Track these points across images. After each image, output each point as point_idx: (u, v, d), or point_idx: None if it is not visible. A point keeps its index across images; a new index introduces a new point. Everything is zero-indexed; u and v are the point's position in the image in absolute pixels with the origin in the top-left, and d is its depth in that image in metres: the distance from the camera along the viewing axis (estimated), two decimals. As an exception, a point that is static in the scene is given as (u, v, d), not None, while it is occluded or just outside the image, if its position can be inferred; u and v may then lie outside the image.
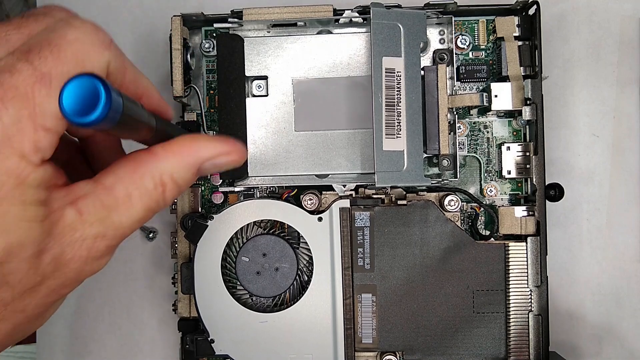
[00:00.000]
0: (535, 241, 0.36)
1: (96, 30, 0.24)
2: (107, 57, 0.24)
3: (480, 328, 0.36)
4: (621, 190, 0.41)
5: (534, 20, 0.37)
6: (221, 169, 0.28)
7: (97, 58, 0.24)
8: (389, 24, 0.35)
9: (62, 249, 0.25)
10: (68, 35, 0.23)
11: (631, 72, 0.41)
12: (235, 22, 0.37)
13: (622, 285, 0.41)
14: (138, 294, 0.42)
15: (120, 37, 0.42)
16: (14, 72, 0.23)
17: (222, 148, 0.27)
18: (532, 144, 0.37)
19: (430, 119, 0.37)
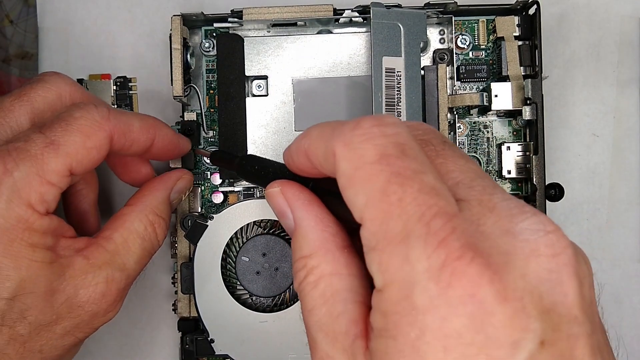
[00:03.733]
0: (535, 241, 0.36)
1: (97, 107, 0.29)
2: (108, 127, 0.29)
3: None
4: (621, 190, 0.41)
5: (534, 20, 0.37)
6: (182, 193, 0.35)
7: (99, 129, 0.29)
8: (389, 24, 0.35)
9: (75, 290, 0.28)
10: (74, 114, 0.28)
11: (631, 72, 0.41)
12: (235, 22, 0.37)
13: (622, 285, 0.41)
14: (138, 294, 0.42)
15: (119, 37, 0.42)
16: (28, 140, 0.27)
17: (175, 175, 0.34)
18: (532, 143, 0.37)
19: (430, 118, 0.37)
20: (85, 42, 0.42)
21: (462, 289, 0.17)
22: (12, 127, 0.29)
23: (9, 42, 0.41)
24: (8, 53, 0.41)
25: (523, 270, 0.18)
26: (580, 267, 0.19)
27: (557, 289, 0.18)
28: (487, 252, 0.18)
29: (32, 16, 0.41)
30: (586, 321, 0.18)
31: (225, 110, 0.37)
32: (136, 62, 0.41)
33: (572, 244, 0.19)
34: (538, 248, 0.18)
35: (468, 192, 0.20)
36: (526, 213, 0.19)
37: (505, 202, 0.19)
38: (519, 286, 0.17)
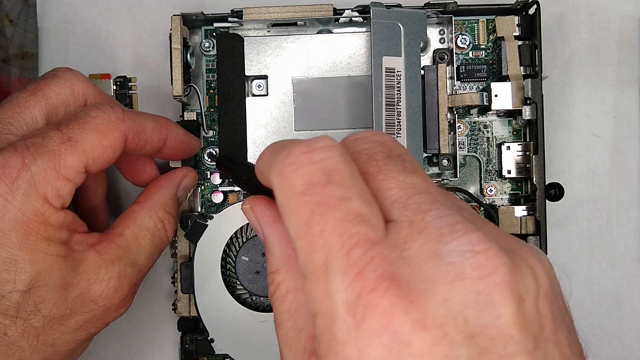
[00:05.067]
0: (535, 241, 0.36)
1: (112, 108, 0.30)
2: (123, 127, 0.30)
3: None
4: (621, 190, 0.41)
5: (534, 20, 0.37)
6: (188, 190, 0.36)
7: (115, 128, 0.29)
8: (389, 24, 0.35)
9: (89, 285, 0.29)
10: (91, 113, 0.29)
11: (631, 72, 0.41)
12: (235, 22, 0.37)
13: (622, 285, 0.41)
14: (137, 294, 0.41)
15: (119, 37, 0.42)
16: (46, 137, 0.28)
17: (181, 173, 0.35)
18: (532, 143, 0.37)
19: (430, 118, 0.37)
20: (85, 42, 0.42)
21: (376, 321, 0.17)
22: (27, 122, 0.30)
23: (9, 42, 0.41)
24: (8, 53, 0.41)
25: (445, 296, 0.17)
26: (520, 283, 0.18)
27: (486, 311, 0.17)
28: (406, 279, 0.17)
29: (32, 16, 0.41)
30: (526, 339, 0.17)
31: (225, 110, 0.37)
32: (136, 61, 0.41)
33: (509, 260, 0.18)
34: (463, 271, 0.18)
35: (401, 212, 0.19)
36: (456, 232, 0.18)
37: (438, 221, 0.19)
38: (440, 313, 0.17)
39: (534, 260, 0.19)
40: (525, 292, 0.18)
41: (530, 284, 0.18)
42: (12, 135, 0.29)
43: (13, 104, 0.30)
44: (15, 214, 0.27)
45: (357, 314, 0.17)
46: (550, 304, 0.19)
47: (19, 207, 0.27)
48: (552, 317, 0.19)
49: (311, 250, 0.19)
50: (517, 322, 0.17)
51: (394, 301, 0.17)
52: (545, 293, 0.19)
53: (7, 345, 0.27)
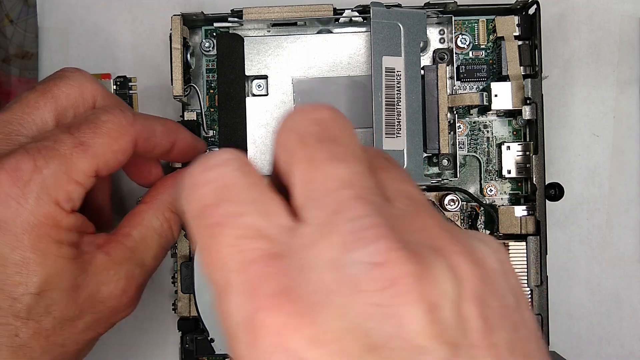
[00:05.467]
0: (535, 241, 0.36)
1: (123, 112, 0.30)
2: (134, 131, 0.30)
3: (480, 328, 0.36)
4: (621, 190, 0.41)
5: (534, 19, 0.37)
6: None
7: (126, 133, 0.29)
8: (389, 24, 0.35)
9: (98, 286, 0.29)
10: (102, 117, 0.29)
11: (631, 72, 0.41)
12: (235, 22, 0.37)
13: (622, 285, 0.41)
14: (138, 294, 0.41)
15: (120, 37, 0.42)
16: (57, 141, 0.28)
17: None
18: (532, 143, 0.37)
19: (430, 118, 0.37)
20: (85, 42, 0.42)
21: (269, 340, 0.16)
22: (37, 124, 0.30)
23: (9, 41, 0.41)
24: (8, 53, 0.41)
25: (342, 309, 0.16)
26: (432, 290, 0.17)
27: (389, 323, 0.16)
28: (302, 293, 0.17)
29: (32, 16, 0.41)
30: (441, 348, 0.16)
31: (225, 109, 0.37)
32: (136, 61, 0.41)
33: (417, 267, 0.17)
34: (362, 283, 0.16)
35: (312, 213, 0.18)
36: (362, 240, 0.17)
37: (348, 225, 0.17)
38: (337, 327, 0.16)
39: (462, 259, 0.18)
40: (440, 298, 0.17)
41: (447, 289, 0.17)
42: (22, 136, 0.29)
43: (23, 105, 0.30)
44: (27, 217, 0.27)
45: (252, 333, 0.17)
46: (479, 306, 0.17)
47: (31, 210, 0.27)
48: (483, 319, 0.17)
49: (213, 272, 0.18)
50: (427, 331, 0.16)
51: (286, 319, 0.16)
52: (473, 295, 0.17)
53: (19, 346, 0.27)
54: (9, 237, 0.26)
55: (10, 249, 0.26)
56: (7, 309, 0.26)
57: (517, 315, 0.18)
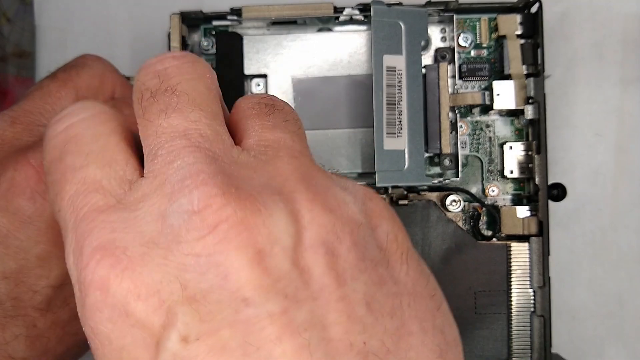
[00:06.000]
0: (538, 242, 0.36)
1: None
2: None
3: (482, 329, 0.36)
4: (625, 190, 0.41)
5: (537, 18, 0.36)
6: None
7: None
8: (390, 22, 0.35)
9: None
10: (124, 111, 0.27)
11: (634, 70, 0.41)
12: (234, 20, 0.37)
13: (625, 286, 0.41)
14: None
15: (118, 35, 0.41)
16: None
17: None
18: (534, 143, 0.36)
19: (431, 117, 0.36)
20: (83, 41, 0.41)
21: (94, 296, 0.16)
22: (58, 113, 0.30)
23: (6, 40, 0.41)
24: (5, 52, 0.41)
25: (161, 261, 0.16)
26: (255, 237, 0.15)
27: (209, 274, 0.15)
28: (124, 245, 0.16)
29: (29, 14, 0.41)
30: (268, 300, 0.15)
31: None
32: (135, 60, 0.41)
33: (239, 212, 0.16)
34: (180, 234, 0.16)
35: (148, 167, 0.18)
36: (185, 189, 0.16)
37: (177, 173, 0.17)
38: (155, 279, 0.16)
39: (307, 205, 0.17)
40: (269, 244, 0.16)
41: (280, 235, 0.16)
42: (44, 127, 0.28)
43: (44, 94, 0.29)
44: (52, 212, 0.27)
45: (81, 292, 0.17)
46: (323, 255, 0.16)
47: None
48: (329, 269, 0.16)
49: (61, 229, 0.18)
50: (253, 281, 0.15)
51: (106, 272, 0.16)
52: (315, 243, 0.16)
53: (36, 337, 0.27)
54: (34, 231, 0.26)
55: (34, 243, 0.26)
56: (27, 301, 0.27)
57: (383, 270, 0.17)
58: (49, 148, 0.19)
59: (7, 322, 0.26)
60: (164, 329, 0.15)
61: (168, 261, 0.16)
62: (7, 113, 0.29)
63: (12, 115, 0.28)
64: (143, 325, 0.16)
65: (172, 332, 0.15)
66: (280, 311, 0.15)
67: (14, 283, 0.26)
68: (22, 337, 0.27)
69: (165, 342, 0.15)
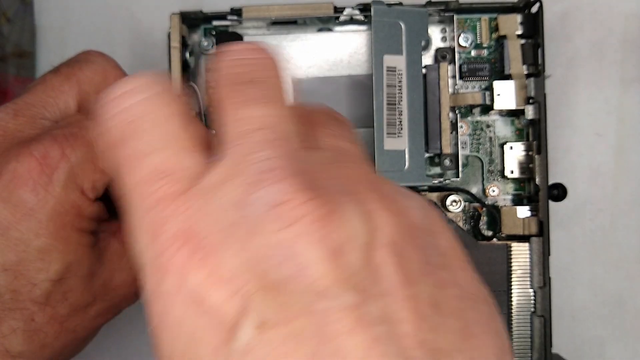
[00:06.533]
0: (538, 242, 0.36)
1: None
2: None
3: (483, 330, 0.36)
4: (625, 190, 0.41)
5: (537, 18, 0.36)
6: None
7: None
8: (390, 22, 0.35)
9: (111, 274, 0.29)
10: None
11: (635, 70, 0.41)
12: (234, 20, 0.37)
13: (625, 286, 0.41)
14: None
15: (118, 35, 0.41)
16: (83, 127, 0.27)
17: None
18: (535, 143, 0.36)
19: (432, 118, 0.36)
20: (82, 40, 0.41)
21: (172, 281, 0.16)
22: (61, 108, 0.29)
23: (6, 40, 0.41)
24: (5, 52, 0.41)
25: (241, 248, 0.16)
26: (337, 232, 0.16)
27: (288, 264, 0.16)
28: (204, 233, 0.16)
29: (29, 14, 0.41)
30: (346, 293, 0.15)
31: (224, 109, 0.36)
32: (134, 60, 0.41)
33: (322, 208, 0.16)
34: (260, 224, 0.16)
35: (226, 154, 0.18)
36: (266, 181, 0.16)
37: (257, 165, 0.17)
38: (234, 265, 0.16)
39: (376, 207, 0.17)
40: (347, 241, 0.16)
41: (356, 233, 0.16)
42: (46, 120, 0.29)
43: (47, 87, 0.29)
44: (53, 205, 0.27)
45: (156, 275, 0.17)
46: (394, 255, 0.16)
47: (58, 198, 0.27)
48: (400, 269, 0.16)
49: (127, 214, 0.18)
50: (329, 275, 0.15)
51: (186, 258, 0.16)
52: (387, 242, 0.17)
53: (34, 331, 0.27)
54: (35, 224, 0.26)
55: (35, 235, 0.26)
56: (26, 293, 0.27)
57: (445, 274, 0.18)
58: (108, 128, 0.18)
59: (5, 315, 0.26)
60: (239, 316, 0.15)
61: (246, 250, 0.16)
62: (9, 106, 0.29)
63: (14, 108, 0.28)
64: (217, 311, 0.16)
65: (248, 320, 0.15)
66: (354, 305, 0.15)
67: (13, 275, 0.26)
68: (19, 331, 0.27)
69: (240, 329, 0.15)
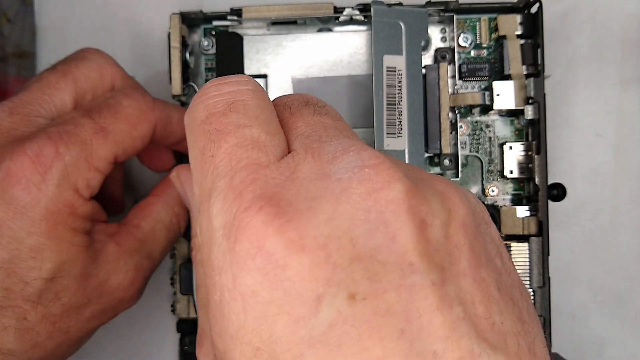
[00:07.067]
0: (538, 242, 0.36)
1: (143, 96, 0.30)
2: (153, 118, 0.30)
3: (482, 329, 0.36)
4: (624, 190, 0.41)
5: (537, 18, 0.36)
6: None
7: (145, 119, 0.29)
8: (390, 22, 0.35)
9: (107, 276, 0.29)
10: (123, 102, 0.29)
11: (634, 71, 0.41)
12: (234, 20, 0.37)
13: (625, 286, 0.41)
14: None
15: (118, 36, 0.41)
16: (78, 125, 0.27)
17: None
18: (534, 143, 0.36)
19: (431, 118, 0.36)
20: (83, 41, 0.41)
21: (248, 242, 0.15)
22: (57, 105, 0.29)
23: (6, 40, 0.41)
24: (5, 52, 0.41)
25: (329, 214, 0.15)
26: (422, 205, 0.16)
27: (378, 232, 0.15)
28: (289, 199, 0.16)
29: (29, 15, 0.41)
30: (429, 269, 0.15)
31: (224, 109, 0.36)
32: (134, 60, 0.41)
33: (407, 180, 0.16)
34: (350, 186, 0.16)
35: (301, 141, 0.18)
36: (349, 151, 0.17)
37: (334, 146, 0.17)
38: (322, 232, 0.15)
39: (448, 189, 0.17)
40: (430, 215, 0.16)
41: (437, 208, 0.16)
42: (42, 117, 0.29)
43: (43, 85, 0.29)
44: (46, 203, 0.26)
45: (231, 236, 0.16)
46: (469, 236, 0.16)
47: (51, 197, 0.26)
48: (472, 250, 0.16)
49: (202, 178, 0.18)
50: (418, 248, 0.15)
51: (268, 219, 0.15)
52: (462, 222, 0.17)
53: (26, 329, 0.27)
54: (27, 222, 0.26)
55: (27, 234, 0.26)
56: (18, 292, 0.27)
57: (499, 262, 0.18)
58: (213, 102, 0.19)
59: None
60: (329, 285, 0.15)
61: (337, 215, 0.15)
62: (5, 103, 0.28)
63: (10, 106, 0.28)
64: (303, 278, 0.15)
65: (340, 289, 0.15)
66: (438, 282, 0.15)
67: (5, 273, 0.26)
68: (11, 329, 0.27)
69: (331, 298, 0.15)
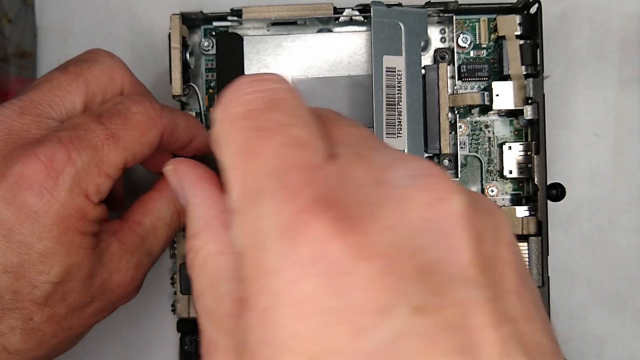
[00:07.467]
0: (537, 241, 0.36)
1: (152, 103, 0.30)
2: (161, 124, 0.30)
3: (481, 329, 0.36)
4: (623, 190, 0.41)
5: (536, 19, 0.36)
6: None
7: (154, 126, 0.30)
8: (389, 23, 0.35)
9: (110, 274, 0.29)
10: (132, 109, 0.29)
11: (633, 71, 0.41)
12: (234, 21, 0.37)
13: (624, 286, 0.41)
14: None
15: (118, 36, 0.41)
16: (89, 131, 0.28)
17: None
18: (533, 143, 0.37)
19: (431, 118, 0.36)
20: (83, 41, 0.41)
21: (309, 247, 0.14)
22: (67, 108, 0.29)
23: (8, 41, 0.41)
24: (6, 52, 0.41)
25: (392, 221, 0.15)
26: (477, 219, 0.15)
27: (440, 244, 0.15)
28: (347, 204, 0.15)
29: (30, 15, 0.41)
30: (486, 284, 0.15)
31: (224, 109, 0.37)
32: (135, 61, 0.41)
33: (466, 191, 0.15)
34: (412, 194, 0.15)
35: (346, 148, 0.18)
36: (404, 160, 0.16)
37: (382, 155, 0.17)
38: (385, 240, 0.14)
39: (493, 206, 0.17)
40: (483, 229, 0.15)
41: (489, 225, 0.16)
42: (52, 119, 0.29)
43: (54, 86, 0.29)
44: (58, 209, 0.26)
45: (288, 239, 0.15)
46: (513, 254, 0.16)
47: (62, 202, 0.27)
48: (515, 268, 0.16)
49: (245, 177, 0.17)
50: (477, 263, 0.15)
51: (329, 223, 0.14)
52: (507, 240, 0.16)
53: (31, 329, 0.27)
54: (38, 227, 0.26)
55: (38, 239, 0.26)
56: (26, 294, 0.27)
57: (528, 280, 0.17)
58: (252, 98, 0.18)
59: (4, 314, 0.27)
60: (395, 296, 0.14)
61: (398, 223, 0.15)
62: (15, 102, 0.28)
63: (20, 106, 0.28)
64: (367, 287, 0.14)
65: (405, 301, 0.14)
66: (492, 299, 0.15)
67: (15, 277, 0.26)
68: (17, 330, 0.27)
69: (396, 310, 0.14)
